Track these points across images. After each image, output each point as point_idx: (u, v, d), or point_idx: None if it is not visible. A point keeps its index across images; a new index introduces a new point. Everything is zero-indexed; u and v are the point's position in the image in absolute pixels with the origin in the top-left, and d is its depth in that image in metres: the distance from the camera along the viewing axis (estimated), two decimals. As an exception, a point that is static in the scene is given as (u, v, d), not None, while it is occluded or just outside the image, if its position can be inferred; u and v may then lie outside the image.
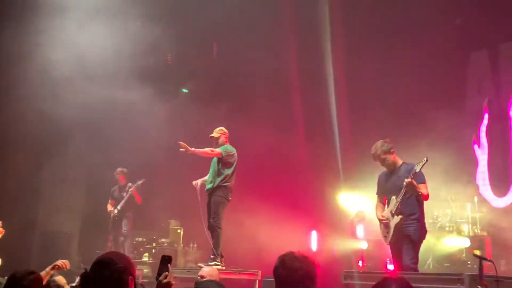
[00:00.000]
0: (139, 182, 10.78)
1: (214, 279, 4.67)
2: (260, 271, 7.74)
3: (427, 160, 5.99)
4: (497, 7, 9.85)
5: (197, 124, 10.26)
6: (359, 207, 11.38)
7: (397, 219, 6.22)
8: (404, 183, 6.04)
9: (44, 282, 4.23)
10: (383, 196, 6.59)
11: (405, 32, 10.84)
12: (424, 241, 9.26)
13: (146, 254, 11.86)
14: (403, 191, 6.12)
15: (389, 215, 6.36)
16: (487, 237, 9.44)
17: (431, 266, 9.00)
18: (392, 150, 6.47)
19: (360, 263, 10.48)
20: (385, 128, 10.46)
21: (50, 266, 4.60)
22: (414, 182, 6.03)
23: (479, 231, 9.60)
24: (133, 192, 10.72)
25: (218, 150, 8.03)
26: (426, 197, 6.23)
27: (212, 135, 8.25)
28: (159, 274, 3.29)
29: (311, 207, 11.33)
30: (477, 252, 8.19)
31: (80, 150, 11.41)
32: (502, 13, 9.87)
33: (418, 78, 10.65)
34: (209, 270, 5.37)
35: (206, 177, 8.25)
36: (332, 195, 11.68)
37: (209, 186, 8.01)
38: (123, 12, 9.60)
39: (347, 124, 10.99)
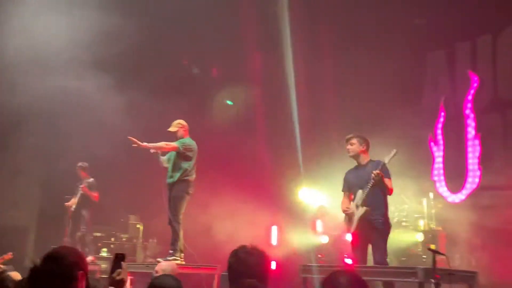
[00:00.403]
0: (88, 181, 10.60)
1: (169, 273, 4.63)
2: (219, 266, 7.72)
3: (396, 153, 6.20)
4: (453, 7, 10.07)
5: (157, 117, 10.11)
6: (320, 202, 11.52)
7: (362, 210, 6.38)
8: (373, 175, 6.20)
9: None
10: (350, 192, 6.73)
11: (364, 32, 10.97)
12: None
13: (105, 249, 11.67)
14: (370, 183, 6.26)
15: (354, 207, 6.50)
16: (442, 232, 9.68)
17: (388, 260, 9.15)
18: (364, 145, 6.64)
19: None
20: (344, 125, 10.63)
21: None
22: (382, 174, 6.18)
23: (434, 226, 9.83)
24: (83, 190, 10.54)
25: (174, 143, 7.84)
26: (390, 191, 6.43)
27: (169, 129, 8.10)
28: (112, 271, 3.29)
29: (272, 202, 11.38)
30: (433, 247, 8.38)
31: (36, 141, 11.10)
32: (459, 13, 10.10)
33: (376, 77, 10.80)
34: (165, 265, 5.33)
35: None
36: (293, 190, 11.77)
37: (169, 180, 7.88)
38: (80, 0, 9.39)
39: (307, 120, 11.08)
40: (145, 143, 7.61)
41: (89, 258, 10.32)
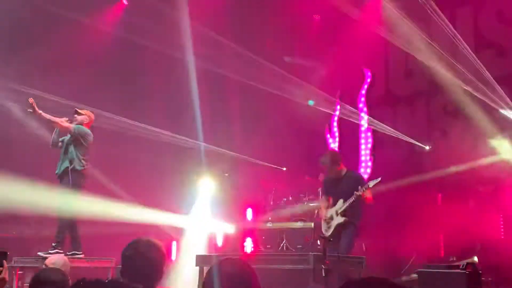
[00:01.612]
0: None
1: (59, 267, 4.45)
2: (114, 259, 7.55)
3: (380, 180, 6.90)
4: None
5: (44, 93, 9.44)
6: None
7: (340, 219, 7.00)
8: (356, 194, 6.82)
9: None
10: (329, 197, 7.28)
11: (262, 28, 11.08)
12: (279, 224, 9.80)
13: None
14: (352, 198, 6.88)
15: (333, 213, 7.08)
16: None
17: (285, 248, 9.43)
18: (340, 162, 7.26)
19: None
20: (244, 116, 10.80)
21: None
22: (364, 194, 6.85)
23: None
24: None
25: (71, 124, 7.55)
26: (370, 200, 7.02)
27: (77, 108, 7.77)
28: None
29: (173, 193, 11.31)
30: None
31: None
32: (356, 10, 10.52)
33: (274, 72, 10.99)
34: (55, 259, 5.12)
35: None
36: (195, 180, 11.76)
37: (58, 170, 7.55)
38: None
39: (209, 111, 11.08)
40: (41, 111, 7.26)
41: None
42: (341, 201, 7.06)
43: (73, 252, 7.55)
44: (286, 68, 11.15)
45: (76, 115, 7.71)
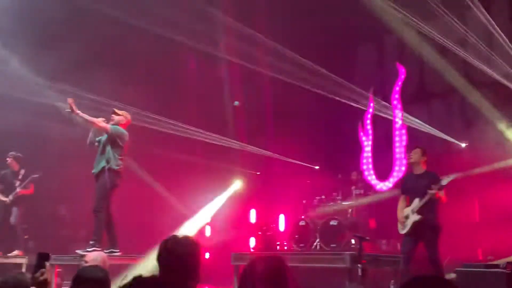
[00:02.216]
0: (23, 174, 10.06)
1: (98, 264, 4.53)
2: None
3: (455, 178, 6.97)
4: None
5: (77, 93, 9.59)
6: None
7: (416, 217, 7.06)
8: (430, 193, 6.92)
9: None
10: (407, 195, 7.39)
11: (292, 23, 11.02)
12: (311, 224, 9.75)
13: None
14: (426, 197, 6.98)
15: (409, 212, 7.15)
16: (370, 218, 10.02)
17: (318, 247, 9.37)
18: (425, 156, 7.39)
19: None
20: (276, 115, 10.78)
21: None
22: (438, 194, 6.95)
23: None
24: (21, 193, 9.98)
25: (108, 125, 7.67)
26: (444, 199, 7.09)
27: (115, 109, 7.90)
28: (35, 271, 3.18)
29: (206, 191, 11.39)
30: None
31: None
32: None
33: (307, 70, 10.92)
34: (94, 256, 5.20)
35: None
36: (227, 178, 11.83)
37: (95, 169, 7.68)
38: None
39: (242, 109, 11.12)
40: (79, 111, 7.42)
41: (15, 252, 9.89)
42: (417, 200, 7.11)
43: (111, 249, 7.65)
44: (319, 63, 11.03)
45: (113, 115, 7.83)
